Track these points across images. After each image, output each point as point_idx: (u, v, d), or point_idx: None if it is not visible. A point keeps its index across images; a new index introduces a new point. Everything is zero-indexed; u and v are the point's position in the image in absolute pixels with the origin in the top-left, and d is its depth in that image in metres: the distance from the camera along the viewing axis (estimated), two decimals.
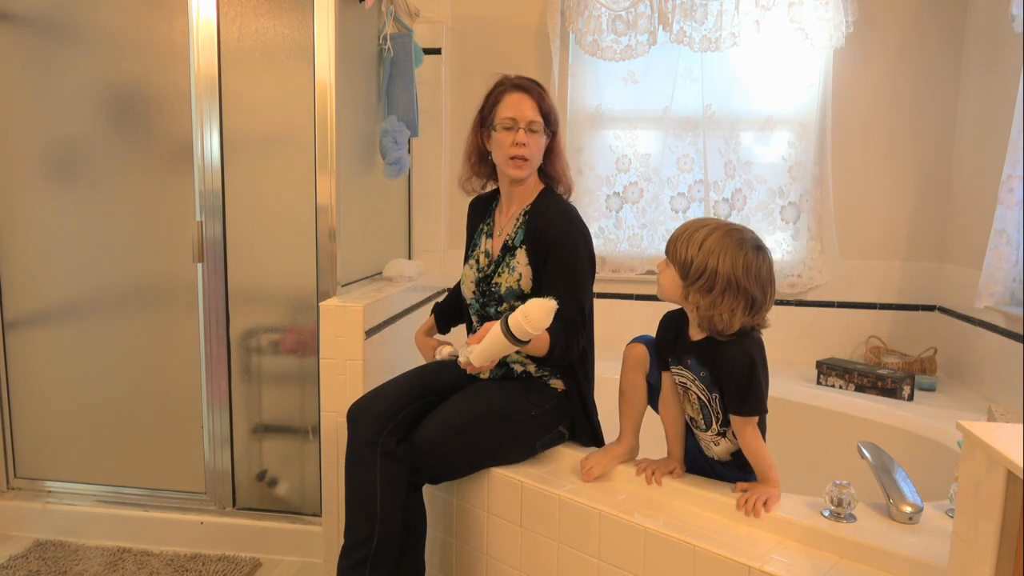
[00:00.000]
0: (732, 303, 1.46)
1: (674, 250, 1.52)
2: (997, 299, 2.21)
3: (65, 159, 2.33)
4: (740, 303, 1.46)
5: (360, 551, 1.67)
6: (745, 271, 1.46)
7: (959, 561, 1.06)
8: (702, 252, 1.47)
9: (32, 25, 2.30)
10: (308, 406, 2.31)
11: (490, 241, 1.94)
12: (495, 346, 1.59)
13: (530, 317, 1.53)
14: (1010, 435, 1.01)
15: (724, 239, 1.47)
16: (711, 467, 1.68)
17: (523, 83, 1.86)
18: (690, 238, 1.49)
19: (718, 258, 1.46)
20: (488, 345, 1.60)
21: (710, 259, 1.46)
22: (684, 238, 1.50)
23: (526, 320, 1.53)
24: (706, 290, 1.47)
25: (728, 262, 1.45)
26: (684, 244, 1.50)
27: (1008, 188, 2.15)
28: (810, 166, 2.70)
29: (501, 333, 1.56)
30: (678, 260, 1.50)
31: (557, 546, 1.65)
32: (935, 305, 2.71)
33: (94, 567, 2.23)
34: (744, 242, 1.48)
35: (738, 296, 1.46)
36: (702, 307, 1.49)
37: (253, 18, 2.20)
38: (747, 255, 1.46)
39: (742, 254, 1.46)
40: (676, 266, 1.51)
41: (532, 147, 1.81)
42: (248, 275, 2.29)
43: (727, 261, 1.45)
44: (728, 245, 1.46)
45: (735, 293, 1.46)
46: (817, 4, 2.55)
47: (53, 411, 2.44)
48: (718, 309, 1.47)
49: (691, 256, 1.48)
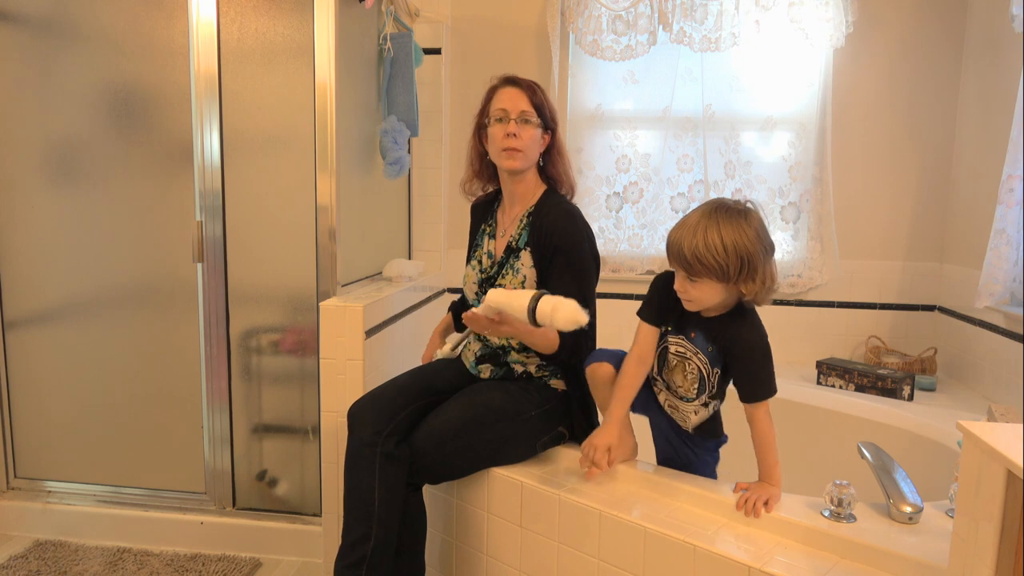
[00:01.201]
0: (773, 268, 1.50)
1: (701, 266, 1.47)
2: (997, 299, 2.21)
3: (65, 159, 2.33)
4: (770, 267, 1.50)
5: (357, 551, 1.67)
6: (761, 234, 1.49)
7: (959, 561, 1.06)
8: (728, 249, 1.45)
9: (32, 25, 2.30)
10: (308, 406, 2.31)
11: (492, 242, 1.94)
12: (512, 303, 1.58)
13: (558, 313, 1.52)
14: (1010, 435, 1.01)
15: (728, 222, 1.47)
16: (683, 440, 1.72)
17: (514, 78, 1.87)
18: (707, 244, 1.46)
19: (746, 239, 1.46)
20: (507, 300, 1.58)
21: (739, 250, 1.45)
22: (700, 248, 1.46)
23: (554, 312, 1.53)
24: (751, 276, 1.48)
25: (749, 238, 1.46)
26: (708, 253, 1.46)
27: (1008, 188, 2.15)
28: (810, 166, 2.70)
29: (527, 302, 1.54)
30: (712, 270, 1.47)
31: (557, 546, 1.65)
32: (935, 305, 2.71)
33: (94, 567, 2.23)
34: (738, 212, 1.50)
35: (769, 255, 1.50)
36: (755, 290, 1.50)
37: (253, 18, 2.20)
38: (752, 220, 1.49)
39: (747, 223, 1.48)
40: (711, 276, 1.48)
41: (524, 138, 1.80)
42: (248, 275, 2.29)
43: (748, 239, 1.46)
44: (736, 224, 1.47)
45: (768, 255, 1.50)
46: (817, 4, 2.56)
47: (53, 411, 2.44)
48: (766, 282, 1.49)
49: (722, 260, 1.46)
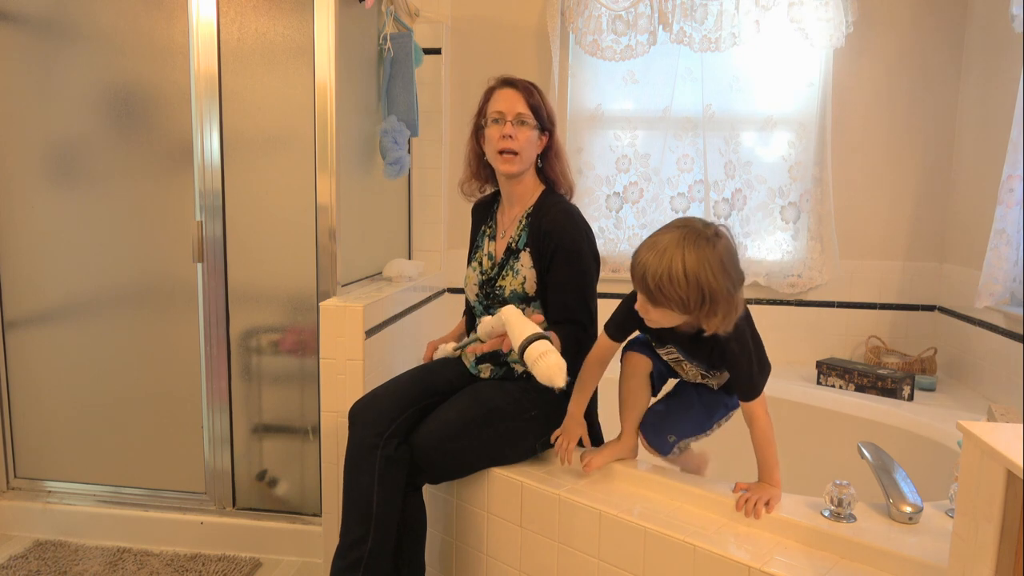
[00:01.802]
0: (735, 303, 1.44)
1: (663, 297, 1.41)
2: (997, 299, 2.21)
3: (65, 159, 2.33)
4: (736, 301, 1.44)
5: (354, 552, 1.68)
6: (728, 265, 1.42)
7: (959, 561, 1.06)
8: (691, 284, 1.38)
9: (32, 25, 2.30)
10: (308, 406, 2.31)
11: (492, 243, 1.94)
12: (514, 330, 1.56)
13: (539, 363, 1.49)
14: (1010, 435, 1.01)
15: (695, 253, 1.39)
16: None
17: (511, 79, 1.86)
18: (671, 276, 1.38)
19: (710, 276, 1.39)
20: (513, 324, 1.57)
21: (703, 284, 1.39)
22: (664, 280, 1.39)
23: (538, 360, 1.50)
24: (712, 311, 1.42)
25: (715, 273, 1.39)
26: (670, 285, 1.39)
27: (1008, 188, 2.15)
28: (810, 166, 2.70)
29: (524, 336, 1.53)
30: (673, 302, 1.41)
31: (557, 546, 1.65)
32: (935, 305, 2.71)
33: (94, 567, 2.23)
34: (706, 239, 1.41)
35: (736, 290, 1.43)
36: (716, 324, 1.44)
37: (253, 18, 2.20)
38: (719, 251, 1.41)
39: (715, 253, 1.40)
40: (672, 307, 1.43)
41: (520, 140, 1.80)
42: (248, 275, 2.29)
43: (713, 273, 1.39)
44: (702, 256, 1.39)
45: (735, 289, 1.43)
46: (817, 4, 2.55)
47: (53, 411, 2.44)
48: (728, 317, 1.43)
49: (684, 294, 1.39)
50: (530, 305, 1.86)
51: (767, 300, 2.79)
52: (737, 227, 2.76)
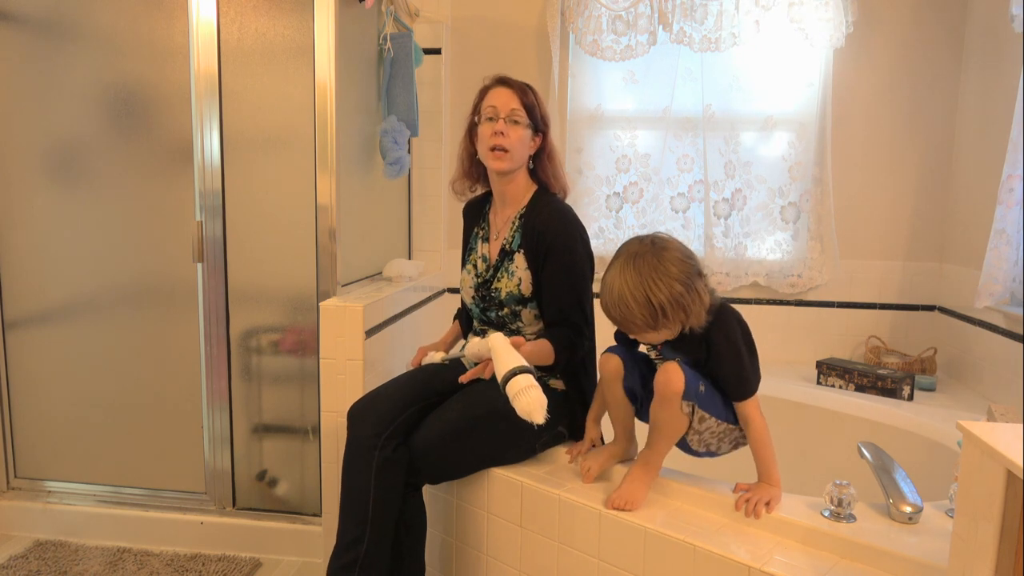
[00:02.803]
0: (694, 298, 1.48)
1: (630, 325, 1.50)
2: (997, 299, 2.21)
3: (65, 159, 2.33)
4: (695, 291, 1.48)
5: (350, 553, 1.68)
6: (680, 271, 1.47)
7: (959, 561, 1.06)
8: (641, 303, 1.45)
9: (32, 25, 2.30)
10: (308, 406, 2.31)
11: (487, 245, 1.94)
12: (499, 360, 1.57)
13: (521, 398, 1.49)
14: (1010, 435, 1.01)
15: (634, 273, 1.46)
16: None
17: (506, 78, 1.86)
18: (624, 305, 1.47)
19: (657, 289, 1.45)
20: (499, 354, 1.58)
21: (652, 300, 1.45)
22: (622, 310, 1.48)
23: (519, 394, 1.50)
24: (674, 317, 1.48)
25: (664, 284, 1.45)
26: (627, 311, 1.47)
27: (1008, 188, 2.15)
28: (810, 166, 2.70)
29: (507, 368, 1.53)
30: (639, 325, 1.49)
31: (557, 546, 1.65)
32: (935, 305, 2.71)
33: (94, 567, 2.23)
34: (642, 255, 1.48)
35: (693, 289, 1.47)
36: (681, 323, 1.50)
37: (253, 18, 2.20)
38: (660, 259, 1.47)
39: (656, 263, 1.46)
40: (642, 328, 1.50)
41: (512, 138, 1.79)
42: (248, 275, 2.29)
43: (662, 285, 1.45)
44: (648, 274, 1.46)
45: (691, 289, 1.47)
46: (817, 4, 2.55)
47: (53, 411, 2.44)
48: (692, 315, 1.49)
49: (642, 314, 1.46)
50: (527, 306, 1.85)
51: (767, 300, 2.80)
52: (737, 227, 2.76)
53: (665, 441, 1.57)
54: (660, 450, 1.57)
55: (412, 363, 2.03)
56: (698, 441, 1.59)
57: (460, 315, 2.13)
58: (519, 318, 1.87)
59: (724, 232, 2.76)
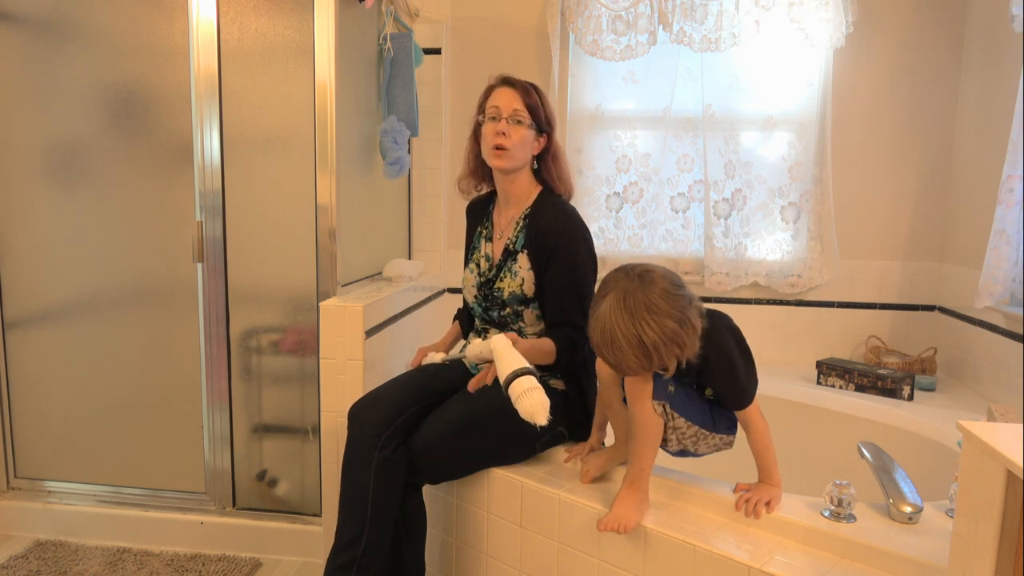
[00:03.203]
0: (686, 333, 1.42)
1: (623, 367, 1.44)
2: (997, 299, 2.21)
3: (65, 159, 2.33)
4: (689, 328, 1.42)
5: (348, 552, 1.68)
6: (665, 304, 1.40)
7: (959, 561, 1.06)
8: (635, 346, 1.39)
9: (32, 25, 2.30)
10: (308, 406, 2.31)
11: (490, 245, 1.94)
12: (501, 362, 1.56)
13: (523, 400, 1.48)
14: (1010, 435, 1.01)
15: (626, 314, 1.39)
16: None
17: (510, 78, 1.86)
18: (618, 348, 1.40)
19: (648, 330, 1.38)
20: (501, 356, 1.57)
21: (645, 342, 1.38)
22: (617, 354, 1.41)
23: (522, 396, 1.48)
24: (666, 355, 1.41)
25: (651, 325, 1.38)
26: (622, 355, 1.41)
27: (1008, 188, 2.15)
28: (810, 166, 2.70)
29: (510, 370, 1.52)
30: (631, 368, 1.43)
31: (557, 546, 1.65)
32: (935, 305, 2.71)
33: (94, 567, 2.23)
34: (631, 293, 1.40)
35: (684, 326, 1.41)
36: (686, 353, 1.44)
37: (253, 18, 2.20)
38: (649, 294, 1.40)
39: (647, 300, 1.39)
40: (637, 370, 1.44)
41: (514, 138, 1.80)
42: (248, 275, 2.29)
43: (650, 326, 1.38)
44: (634, 312, 1.39)
45: (680, 327, 1.41)
46: (817, 4, 2.55)
47: (53, 411, 2.44)
48: (685, 349, 1.43)
49: (636, 356, 1.40)
50: (529, 307, 1.86)
51: (767, 300, 2.80)
52: (737, 227, 2.76)
53: (645, 447, 1.51)
54: (643, 465, 1.52)
55: (412, 364, 2.03)
56: (676, 440, 1.56)
57: (460, 316, 2.13)
58: (521, 318, 1.87)
59: (724, 232, 2.76)
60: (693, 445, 1.59)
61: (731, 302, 2.79)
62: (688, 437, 1.56)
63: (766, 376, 2.55)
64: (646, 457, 1.52)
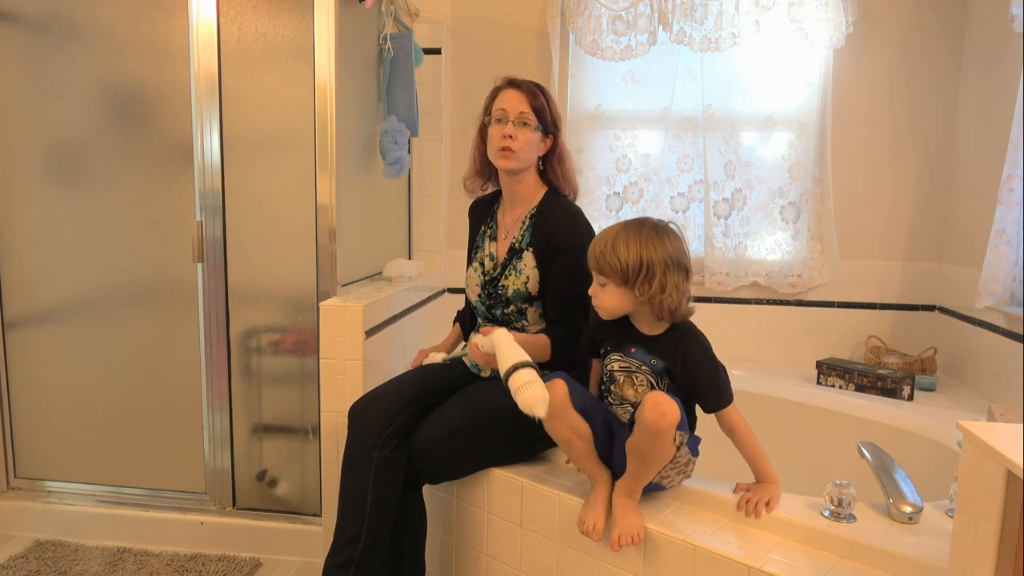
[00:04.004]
0: (675, 279, 1.52)
1: (605, 264, 1.54)
2: (997, 299, 2.21)
3: (65, 159, 2.33)
4: (680, 276, 1.53)
5: (347, 551, 1.68)
6: (671, 249, 1.53)
7: (959, 561, 1.06)
8: (631, 252, 1.51)
9: (32, 25, 2.30)
10: (308, 406, 2.31)
11: (494, 244, 1.94)
12: (503, 355, 1.56)
13: (523, 392, 1.48)
14: (1010, 435, 1.01)
15: (640, 233, 1.54)
16: (614, 433, 1.59)
17: (517, 80, 1.87)
18: (614, 246, 1.53)
19: (648, 249, 1.52)
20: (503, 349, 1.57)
21: (643, 253, 1.51)
22: (608, 250, 1.54)
23: (521, 388, 1.48)
24: (649, 281, 1.52)
25: (657, 248, 1.52)
26: (612, 253, 1.53)
27: (1008, 188, 2.15)
28: (810, 166, 2.70)
29: (511, 363, 1.53)
30: (614, 270, 1.53)
31: (557, 546, 1.65)
32: (935, 305, 2.71)
33: (94, 567, 2.23)
34: (655, 227, 1.55)
35: (677, 271, 1.53)
36: (653, 296, 1.52)
37: (253, 18, 2.20)
38: (663, 235, 1.54)
39: (659, 236, 1.54)
40: (614, 277, 1.54)
41: (520, 140, 1.80)
42: (248, 275, 2.29)
43: (655, 248, 1.52)
44: (646, 235, 1.53)
45: (674, 270, 1.53)
46: (817, 4, 2.55)
47: (53, 411, 2.44)
48: (667, 291, 1.52)
49: (624, 259, 1.52)
50: (533, 304, 1.86)
51: (767, 300, 2.79)
52: (737, 227, 2.76)
53: (652, 471, 1.50)
54: (643, 481, 1.51)
55: (413, 365, 2.03)
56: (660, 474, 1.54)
57: (460, 317, 2.13)
58: (524, 316, 1.88)
59: (724, 232, 2.76)
60: (671, 478, 1.57)
61: (731, 302, 2.79)
62: (677, 466, 1.53)
63: (766, 376, 2.57)
64: (649, 478, 1.52)
